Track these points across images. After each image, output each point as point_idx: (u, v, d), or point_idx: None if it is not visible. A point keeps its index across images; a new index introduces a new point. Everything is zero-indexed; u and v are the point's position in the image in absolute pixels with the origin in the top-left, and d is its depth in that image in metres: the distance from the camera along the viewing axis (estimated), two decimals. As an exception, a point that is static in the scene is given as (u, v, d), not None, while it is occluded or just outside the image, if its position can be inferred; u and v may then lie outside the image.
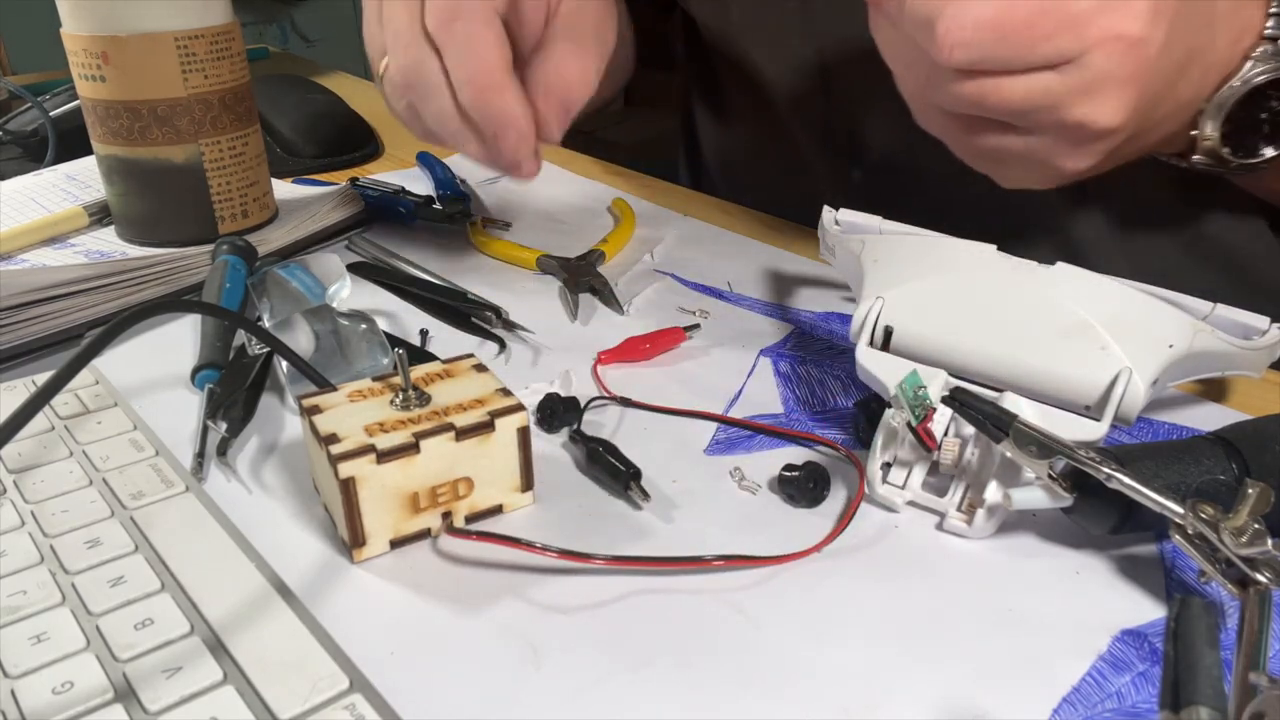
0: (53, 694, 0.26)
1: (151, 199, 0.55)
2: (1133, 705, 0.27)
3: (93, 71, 0.52)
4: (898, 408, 0.35)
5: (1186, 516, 0.28)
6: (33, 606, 0.29)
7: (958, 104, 0.40)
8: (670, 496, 0.36)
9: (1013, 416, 0.32)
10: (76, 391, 0.42)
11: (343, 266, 0.51)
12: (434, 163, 0.71)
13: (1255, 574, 0.26)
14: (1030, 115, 0.39)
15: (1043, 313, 0.36)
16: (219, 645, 0.28)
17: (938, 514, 0.35)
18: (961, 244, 0.40)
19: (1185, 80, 0.41)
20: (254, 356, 0.43)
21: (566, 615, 0.30)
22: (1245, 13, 0.41)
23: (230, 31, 0.54)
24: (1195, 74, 0.41)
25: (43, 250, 0.56)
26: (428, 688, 0.28)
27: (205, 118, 0.54)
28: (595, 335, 0.49)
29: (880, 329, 0.39)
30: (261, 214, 0.59)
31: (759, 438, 0.40)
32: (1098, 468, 0.30)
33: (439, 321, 0.50)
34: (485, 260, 0.59)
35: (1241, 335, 0.37)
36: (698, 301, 0.53)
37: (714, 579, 0.32)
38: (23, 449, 0.38)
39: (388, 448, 0.31)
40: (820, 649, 0.29)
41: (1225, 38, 0.41)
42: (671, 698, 0.27)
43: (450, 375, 0.35)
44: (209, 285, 0.48)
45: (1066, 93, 0.38)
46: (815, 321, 0.50)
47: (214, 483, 0.37)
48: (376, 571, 0.32)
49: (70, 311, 0.47)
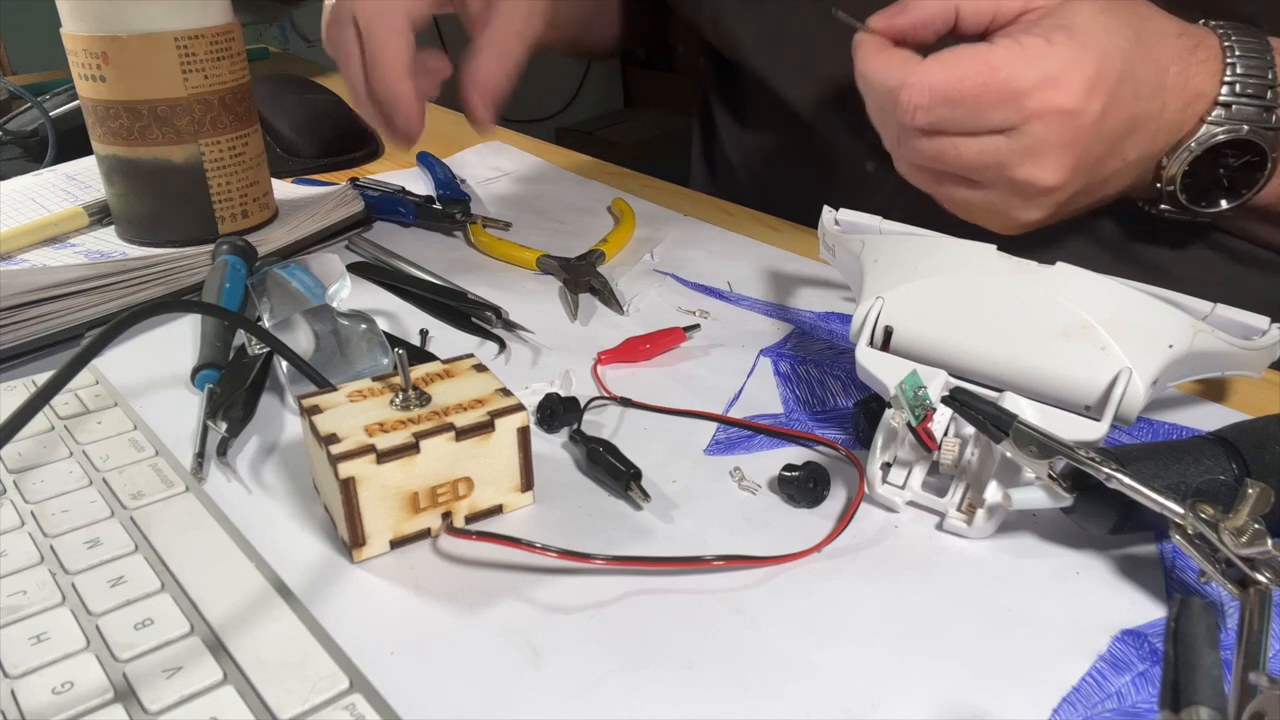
0: (53, 694, 0.26)
1: (151, 199, 0.55)
2: (1133, 705, 0.27)
3: (93, 71, 0.52)
4: (898, 408, 0.35)
5: (1186, 516, 0.28)
6: (33, 606, 0.29)
7: (923, 159, 0.46)
8: (670, 496, 0.36)
9: (1013, 416, 0.32)
10: (76, 391, 0.42)
11: (343, 266, 0.51)
12: (434, 163, 0.71)
13: (1255, 574, 0.26)
14: (983, 172, 0.45)
15: (1043, 313, 0.36)
16: (219, 645, 0.28)
17: (938, 514, 0.35)
18: (962, 244, 0.40)
19: (1132, 142, 0.45)
20: (254, 356, 0.43)
21: (566, 615, 0.30)
22: (1197, 80, 0.45)
23: (230, 31, 0.54)
24: (1143, 137, 0.45)
25: (43, 250, 0.56)
26: (428, 688, 0.28)
27: (205, 118, 0.54)
28: (595, 335, 0.49)
29: (880, 329, 0.39)
30: (261, 214, 0.59)
31: (759, 438, 0.40)
32: (1098, 468, 0.30)
33: (439, 321, 0.50)
34: (485, 260, 0.59)
35: (1241, 335, 0.37)
36: (698, 301, 0.53)
37: (714, 579, 0.32)
38: (23, 449, 0.38)
39: (388, 448, 0.31)
40: (820, 649, 0.29)
41: (1176, 103, 0.45)
42: (671, 698, 0.27)
43: (450, 375, 0.35)
44: (209, 285, 0.48)
45: (1012, 154, 0.43)
46: (815, 321, 0.50)
47: (214, 483, 0.37)
48: (376, 571, 0.32)
49: (70, 311, 0.47)
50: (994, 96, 0.42)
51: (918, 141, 0.46)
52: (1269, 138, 0.45)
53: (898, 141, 0.47)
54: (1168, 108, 0.45)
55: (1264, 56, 0.45)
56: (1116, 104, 0.43)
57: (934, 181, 0.48)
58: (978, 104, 0.43)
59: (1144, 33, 0.44)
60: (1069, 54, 0.42)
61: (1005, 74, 0.42)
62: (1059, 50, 0.42)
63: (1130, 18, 0.44)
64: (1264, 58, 0.45)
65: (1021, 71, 0.42)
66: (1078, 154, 0.44)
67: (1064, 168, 0.44)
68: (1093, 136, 0.43)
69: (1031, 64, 0.42)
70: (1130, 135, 0.45)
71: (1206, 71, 0.45)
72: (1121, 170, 0.46)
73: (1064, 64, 0.42)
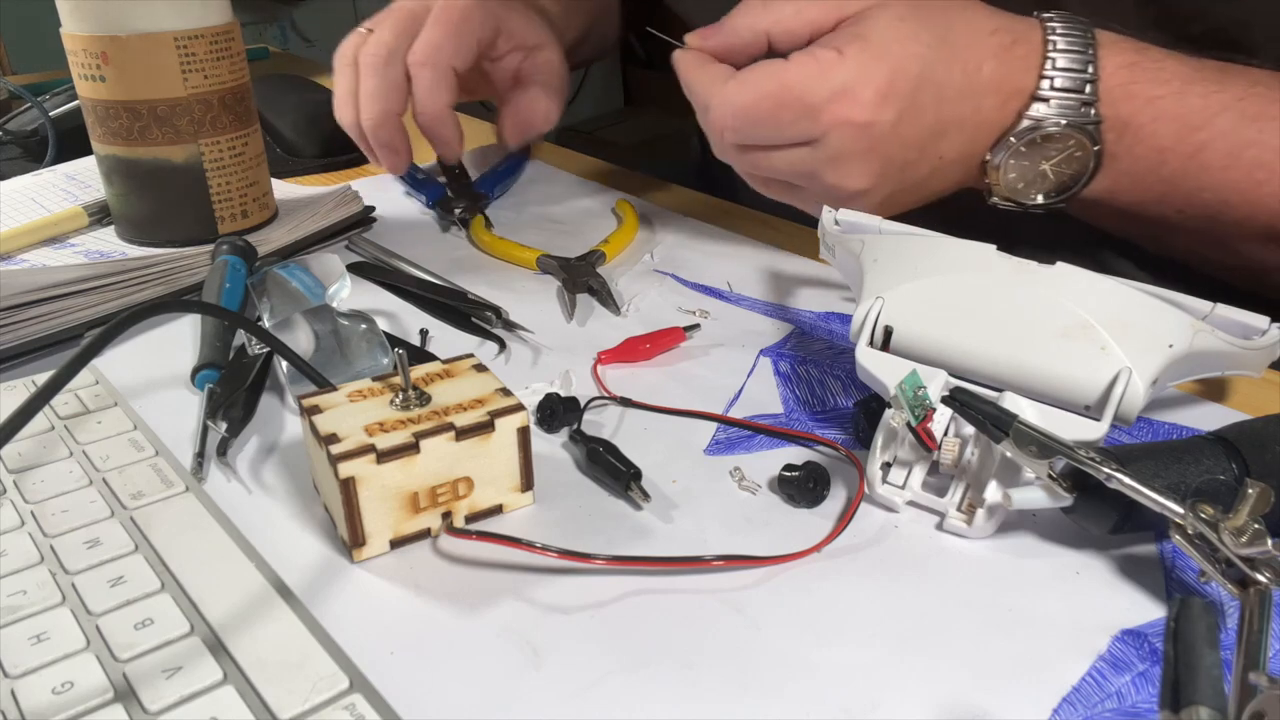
0: (53, 694, 0.26)
1: (151, 199, 0.55)
2: (1133, 705, 0.27)
3: (93, 71, 0.52)
4: (898, 408, 0.35)
5: (1186, 516, 0.28)
6: (33, 606, 0.29)
7: (743, 170, 0.50)
8: (670, 496, 0.36)
9: (1013, 416, 0.32)
10: (76, 391, 0.42)
11: (343, 266, 0.51)
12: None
13: (1255, 574, 0.26)
14: (798, 179, 0.48)
15: (1043, 313, 0.36)
16: (219, 645, 0.28)
17: (938, 514, 0.35)
18: (962, 244, 0.40)
19: (947, 143, 0.46)
20: (254, 356, 0.43)
21: (566, 615, 0.30)
22: (1016, 76, 0.45)
23: (230, 31, 0.54)
24: (959, 137, 0.46)
25: (43, 250, 0.56)
26: (428, 688, 0.28)
27: (205, 118, 0.54)
28: (595, 335, 0.49)
29: (880, 329, 0.39)
30: (261, 214, 0.59)
31: (759, 438, 0.40)
32: (1098, 468, 0.30)
33: (439, 321, 0.50)
34: (485, 260, 0.59)
35: (1241, 335, 0.37)
36: (698, 301, 0.53)
37: (714, 579, 0.32)
38: (23, 449, 0.38)
39: (388, 448, 0.31)
40: (820, 649, 0.29)
41: (993, 100, 0.46)
42: (671, 698, 0.27)
43: (450, 375, 0.35)
44: (209, 285, 0.48)
45: (817, 163, 0.46)
46: (815, 321, 0.50)
47: (214, 483, 0.37)
48: (376, 571, 0.32)
49: (70, 311, 0.47)
50: (790, 114, 0.44)
51: (735, 156, 0.48)
52: (1090, 131, 0.45)
53: (723, 154, 0.50)
54: (983, 107, 0.45)
55: (1086, 50, 0.45)
56: (915, 110, 0.44)
57: (764, 185, 0.51)
58: (776, 122, 0.45)
59: (950, 35, 0.45)
60: (859, 66, 0.43)
61: (798, 91, 0.44)
62: (850, 62, 0.43)
63: (934, 21, 0.45)
64: (1086, 51, 0.45)
65: (814, 87, 0.44)
66: (880, 160, 0.45)
67: (868, 174, 0.46)
68: (893, 143, 0.45)
69: (823, 78, 0.43)
70: (941, 137, 0.46)
71: (1025, 67, 0.45)
72: (940, 169, 0.47)
73: (855, 76, 0.43)
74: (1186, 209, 0.46)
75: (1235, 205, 0.45)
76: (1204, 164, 0.44)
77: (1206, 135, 0.44)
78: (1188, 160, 0.44)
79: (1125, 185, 0.46)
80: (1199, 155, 0.44)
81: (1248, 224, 0.45)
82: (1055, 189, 0.47)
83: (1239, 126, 0.44)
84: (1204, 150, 0.44)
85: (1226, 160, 0.44)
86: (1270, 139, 0.43)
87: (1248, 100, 0.44)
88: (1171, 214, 0.46)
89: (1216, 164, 0.44)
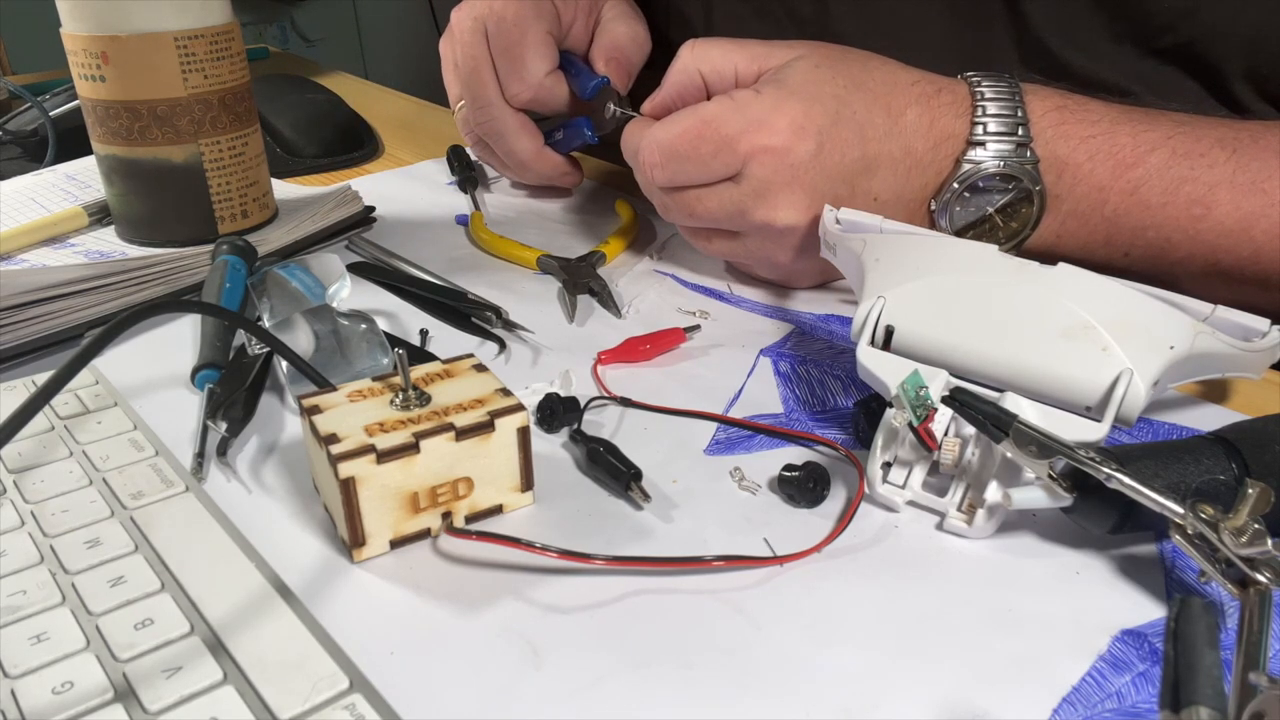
0: (53, 694, 0.26)
1: (151, 199, 0.55)
2: (1133, 705, 0.27)
3: (92, 71, 0.52)
4: (899, 408, 0.35)
5: (1186, 516, 0.28)
6: (33, 606, 0.29)
7: (681, 218, 0.50)
8: (670, 496, 0.36)
9: (1013, 417, 0.32)
10: (76, 391, 0.42)
11: (343, 266, 0.51)
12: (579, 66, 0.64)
13: (1255, 574, 0.26)
14: (731, 221, 0.48)
15: (1044, 313, 0.36)
16: (219, 645, 0.28)
17: (938, 514, 0.35)
18: (963, 244, 0.40)
19: (878, 181, 0.47)
20: (254, 356, 0.43)
21: (566, 615, 0.30)
22: (944, 122, 0.47)
23: (230, 31, 0.54)
24: (889, 175, 0.47)
25: (43, 250, 0.56)
26: (428, 688, 0.28)
27: (205, 118, 0.54)
28: (595, 335, 0.49)
29: (881, 328, 0.39)
30: (261, 214, 0.59)
31: (759, 438, 0.40)
32: (1098, 468, 0.30)
33: (439, 321, 0.50)
34: (485, 260, 0.59)
35: (1242, 337, 0.37)
36: (698, 302, 0.53)
37: (714, 579, 0.32)
38: (23, 449, 0.38)
39: (388, 448, 0.31)
40: (820, 649, 0.29)
41: (923, 143, 0.47)
42: (671, 698, 0.27)
43: (450, 375, 0.35)
44: (209, 285, 0.48)
45: (744, 199, 0.46)
46: (815, 323, 0.50)
47: (214, 483, 0.37)
48: (376, 571, 0.32)
49: (70, 311, 0.47)
50: (710, 146, 0.45)
51: (669, 200, 0.49)
52: (1029, 172, 0.46)
53: (662, 208, 0.51)
54: (914, 148, 0.47)
55: (1014, 97, 0.46)
56: (836, 143, 0.45)
57: (704, 239, 0.52)
58: (698, 154, 0.46)
59: (868, 81, 0.46)
60: (775, 100, 0.45)
61: (716, 124, 0.45)
62: (766, 99, 0.45)
63: (851, 70, 0.47)
64: (1014, 98, 0.46)
65: (730, 120, 0.45)
66: (805, 192, 0.46)
67: (796, 206, 0.46)
68: (816, 174, 0.45)
69: (739, 112, 0.45)
70: (870, 174, 0.46)
71: (953, 113, 0.46)
72: (879, 210, 0.47)
73: (768, 109, 0.45)
74: (1132, 251, 0.47)
75: (1177, 243, 0.45)
76: (1143, 201, 0.45)
77: (1142, 172, 0.45)
78: (1127, 197, 0.45)
79: (1072, 227, 0.47)
80: (1137, 192, 0.45)
81: (1189, 263, 0.46)
82: (1006, 236, 0.48)
83: (1171, 163, 0.45)
84: (1141, 187, 0.45)
85: (1164, 197, 0.45)
86: (1202, 174, 0.44)
87: (1176, 139, 0.45)
88: (1119, 258, 0.47)
89: (1155, 200, 0.45)
